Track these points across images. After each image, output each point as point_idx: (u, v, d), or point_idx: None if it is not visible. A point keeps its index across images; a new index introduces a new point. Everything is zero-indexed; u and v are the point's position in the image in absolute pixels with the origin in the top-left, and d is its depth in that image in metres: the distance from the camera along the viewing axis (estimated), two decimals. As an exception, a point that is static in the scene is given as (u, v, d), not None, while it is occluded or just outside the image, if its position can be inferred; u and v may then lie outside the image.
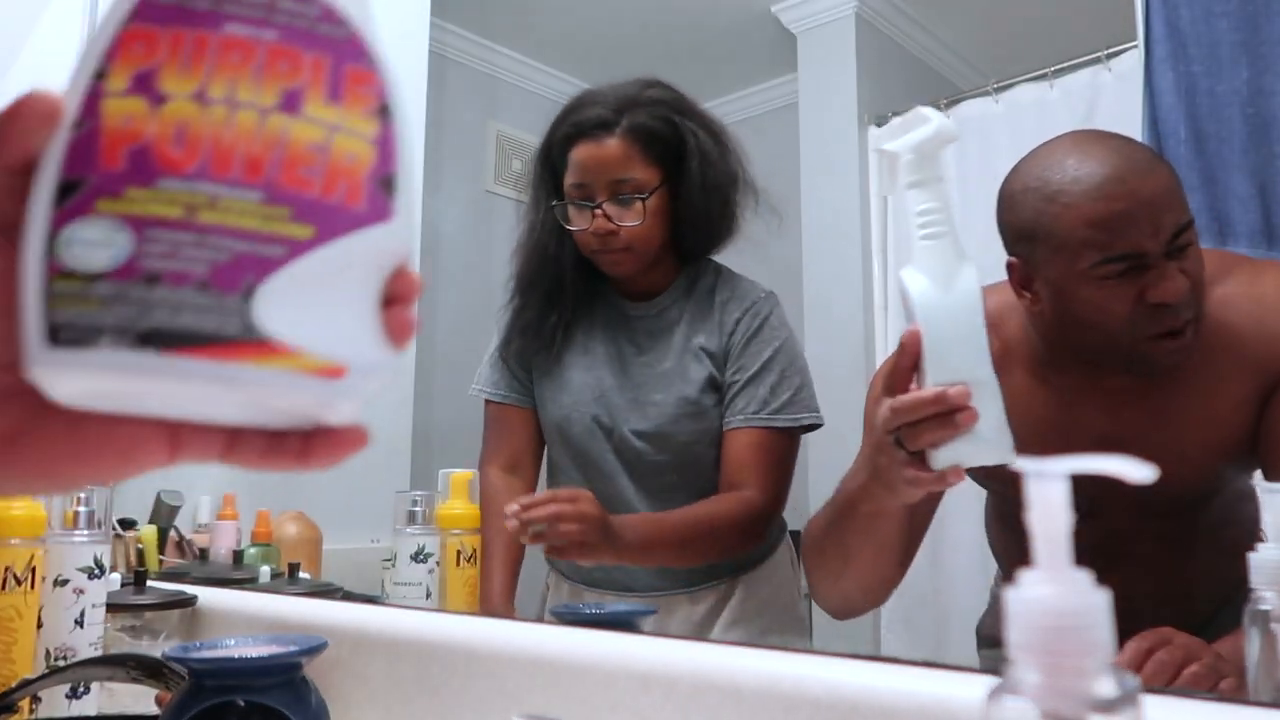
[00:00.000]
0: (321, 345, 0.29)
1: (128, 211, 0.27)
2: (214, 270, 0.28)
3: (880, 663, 0.58)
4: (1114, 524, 0.75)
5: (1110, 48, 1.98)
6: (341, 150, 0.30)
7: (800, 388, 1.11)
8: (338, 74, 0.30)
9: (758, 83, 2.77)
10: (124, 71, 0.28)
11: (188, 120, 0.28)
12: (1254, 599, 0.50)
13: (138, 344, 0.27)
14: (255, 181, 0.29)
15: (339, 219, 0.30)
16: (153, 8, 0.29)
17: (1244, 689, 0.52)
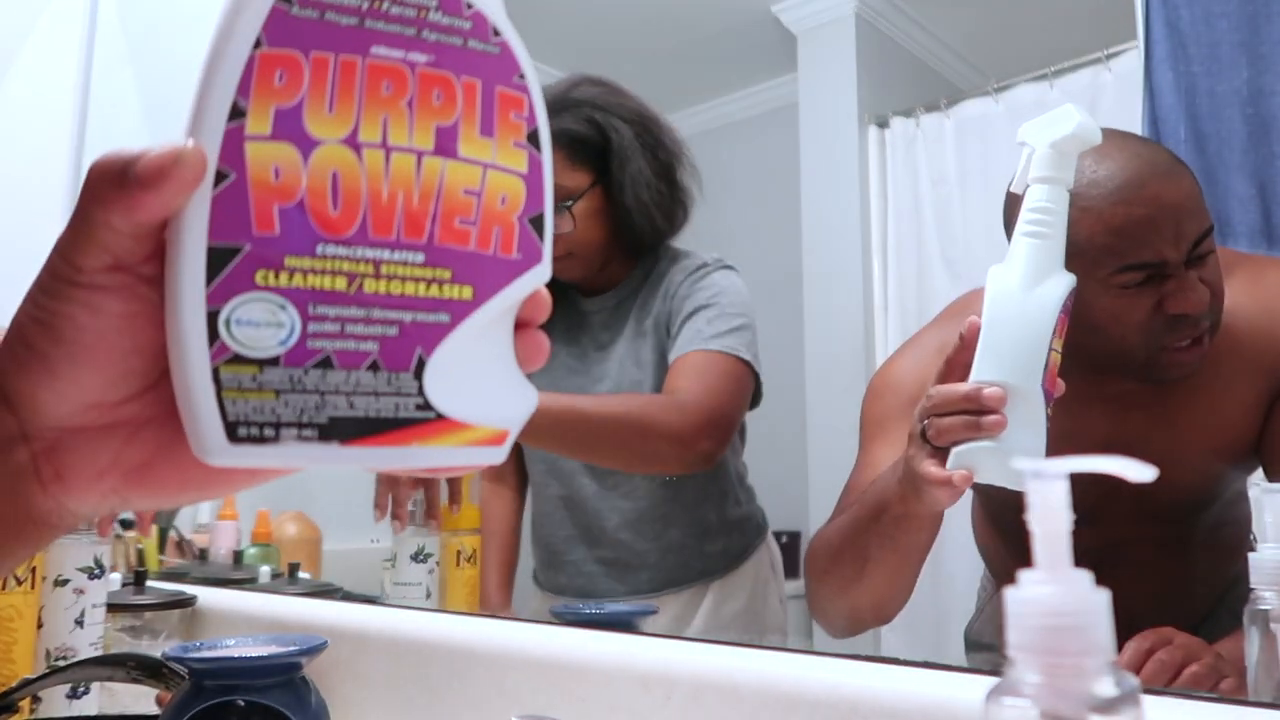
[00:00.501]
0: (488, 415, 0.28)
1: (290, 285, 0.25)
2: (384, 347, 0.26)
3: (880, 663, 0.58)
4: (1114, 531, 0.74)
5: (1110, 48, 1.98)
6: (494, 192, 0.28)
7: (741, 328, 1.07)
8: (489, 100, 0.27)
9: (758, 83, 2.77)
10: (264, 108, 0.25)
11: (342, 171, 0.25)
12: (1254, 599, 0.50)
13: (320, 438, 0.25)
14: (416, 241, 0.26)
15: (496, 273, 0.28)
16: (286, 24, 0.25)
17: (1244, 689, 0.52)
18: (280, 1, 0.25)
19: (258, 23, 0.25)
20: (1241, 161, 1.37)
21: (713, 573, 1.13)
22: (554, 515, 1.17)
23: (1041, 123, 0.63)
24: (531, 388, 0.30)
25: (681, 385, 1.02)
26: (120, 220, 0.25)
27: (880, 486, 0.76)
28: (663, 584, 1.12)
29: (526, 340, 0.29)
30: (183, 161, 0.24)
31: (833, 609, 0.88)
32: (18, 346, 0.26)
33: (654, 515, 1.12)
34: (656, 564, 1.12)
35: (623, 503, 1.12)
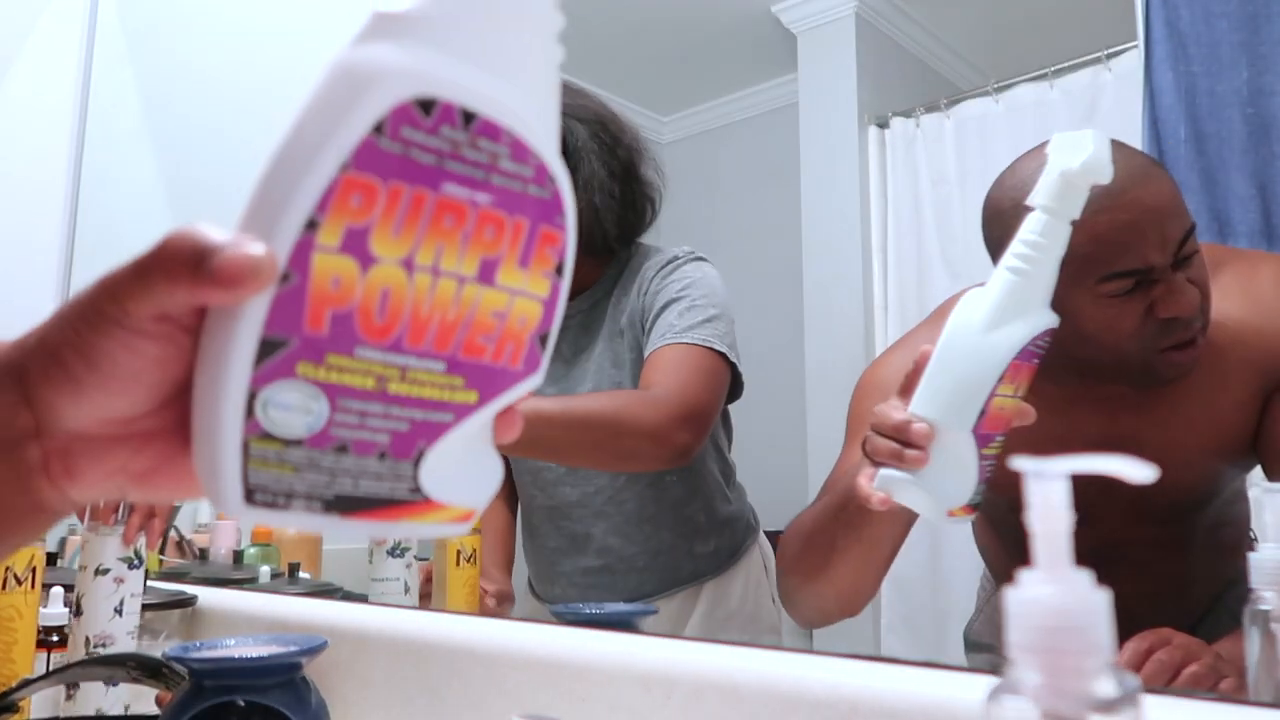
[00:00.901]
0: (463, 498, 0.32)
1: (326, 380, 0.28)
2: (394, 439, 0.30)
3: (880, 663, 0.58)
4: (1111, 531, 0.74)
5: (1110, 48, 1.98)
6: (517, 314, 0.31)
7: (715, 319, 1.05)
8: (532, 238, 0.31)
9: (758, 83, 2.77)
10: (337, 225, 0.27)
11: (393, 288, 0.28)
12: (1254, 599, 0.50)
13: (323, 510, 0.29)
14: (442, 353, 0.30)
15: (500, 381, 0.31)
16: (374, 154, 0.27)
17: (1243, 689, 0.52)
18: (372, 133, 0.27)
19: (349, 147, 0.27)
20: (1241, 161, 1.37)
21: (704, 573, 1.13)
22: (542, 527, 1.17)
23: (1065, 142, 0.60)
24: (498, 463, 0.34)
25: (655, 380, 1.01)
26: (183, 298, 0.27)
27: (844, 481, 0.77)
28: (655, 588, 1.12)
29: (505, 419, 0.33)
30: (258, 273, 0.27)
31: (800, 598, 0.89)
32: (50, 361, 0.29)
33: (640, 519, 1.11)
34: (646, 568, 1.12)
35: (608, 509, 1.11)
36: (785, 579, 0.90)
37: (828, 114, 2.47)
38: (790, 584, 0.89)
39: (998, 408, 0.61)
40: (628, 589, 1.12)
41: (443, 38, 0.28)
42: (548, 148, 0.31)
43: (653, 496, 1.11)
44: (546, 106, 0.31)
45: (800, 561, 0.86)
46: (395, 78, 0.27)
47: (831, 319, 2.32)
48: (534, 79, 0.30)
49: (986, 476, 0.62)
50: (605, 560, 1.12)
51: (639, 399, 1.01)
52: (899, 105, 2.41)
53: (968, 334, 0.60)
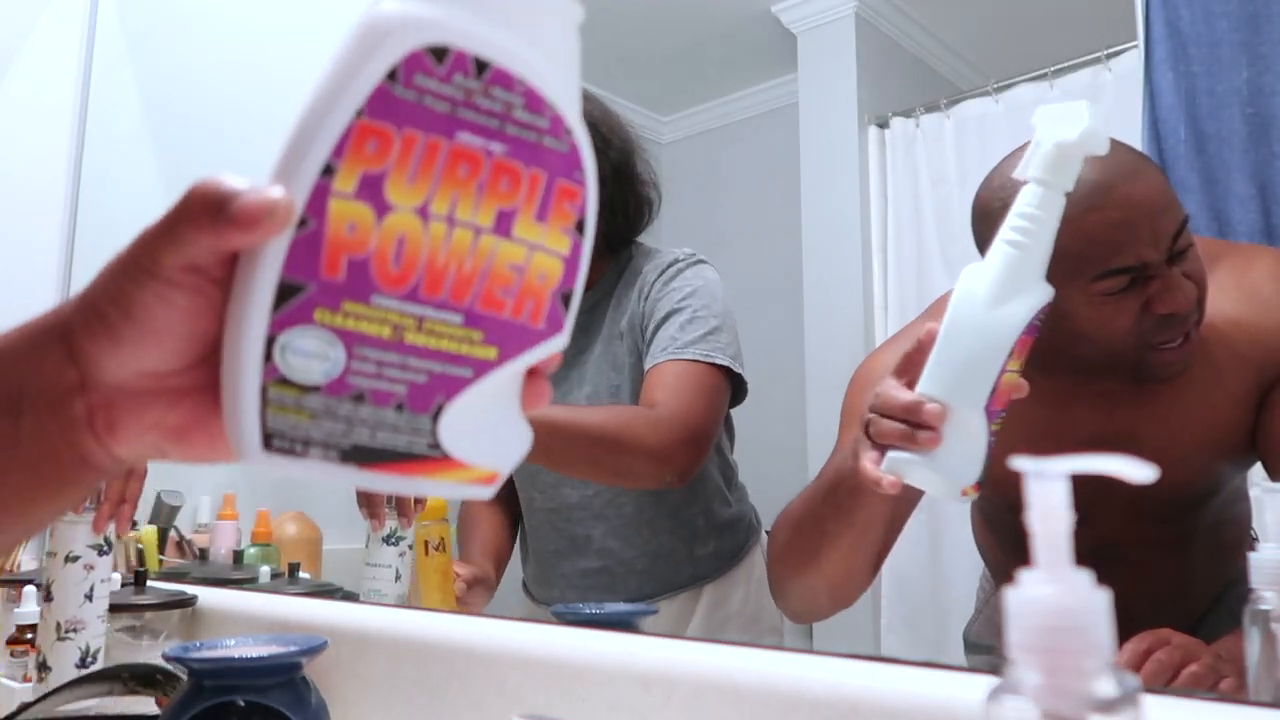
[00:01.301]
0: (485, 458, 0.32)
1: (343, 326, 0.28)
2: (412, 391, 0.30)
3: (880, 663, 0.58)
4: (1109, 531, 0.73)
5: (1110, 48, 1.98)
6: (536, 269, 0.31)
7: (716, 330, 1.05)
8: (549, 191, 0.31)
9: (758, 83, 2.77)
10: (353, 171, 0.28)
11: (408, 236, 0.29)
12: (1254, 599, 0.50)
13: (340, 459, 0.29)
14: (459, 304, 0.30)
15: (521, 338, 0.31)
16: (388, 102, 0.28)
17: (1243, 689, 0.52)
18: (386, 80, 0.28)
19: (364, 94, 0.28)
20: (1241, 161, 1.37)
21: (704, 576, 1.13)
22: (541, 528, 1.17)
23: (1054, 114, 0.60)
24: (528, 430, 0.33)
25: (657, 399, 1.01)
26: (207, 243, 0.29)
27: (832, 467, 0.76)
28: (654, 591, 1.12)
29: (533, 386, 0.33)
30: (274, 214, 0.28)
31: (790, 589, 0.88)
32: (91, 315, 0.30)
33: (640, 521, 1.11)
34: (645, 570, 1.12)
35: (608, 511, 1.11)
36: (775, 569, 0.89)
37: (828, 114, 2.47)
38: (780, 575, 0.88)
39: (1006, 383, 0.60)
40: (627, 591, 1.12)
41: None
42: (565, 101, 0.30)
43: (652, 500, 1.11)
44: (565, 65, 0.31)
45: (790, 550, 0.85)
46: (408, 26, 0.28)
47: (831, 319, 2.31)
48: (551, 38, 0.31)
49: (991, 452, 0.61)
50: (604, 562, 1.12)
51: (642, 419, 1.01)
52: (899, 105, 2.41)
53: (973, 310, 0.60)
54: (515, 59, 0.29)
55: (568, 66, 0.31)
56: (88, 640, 0.84)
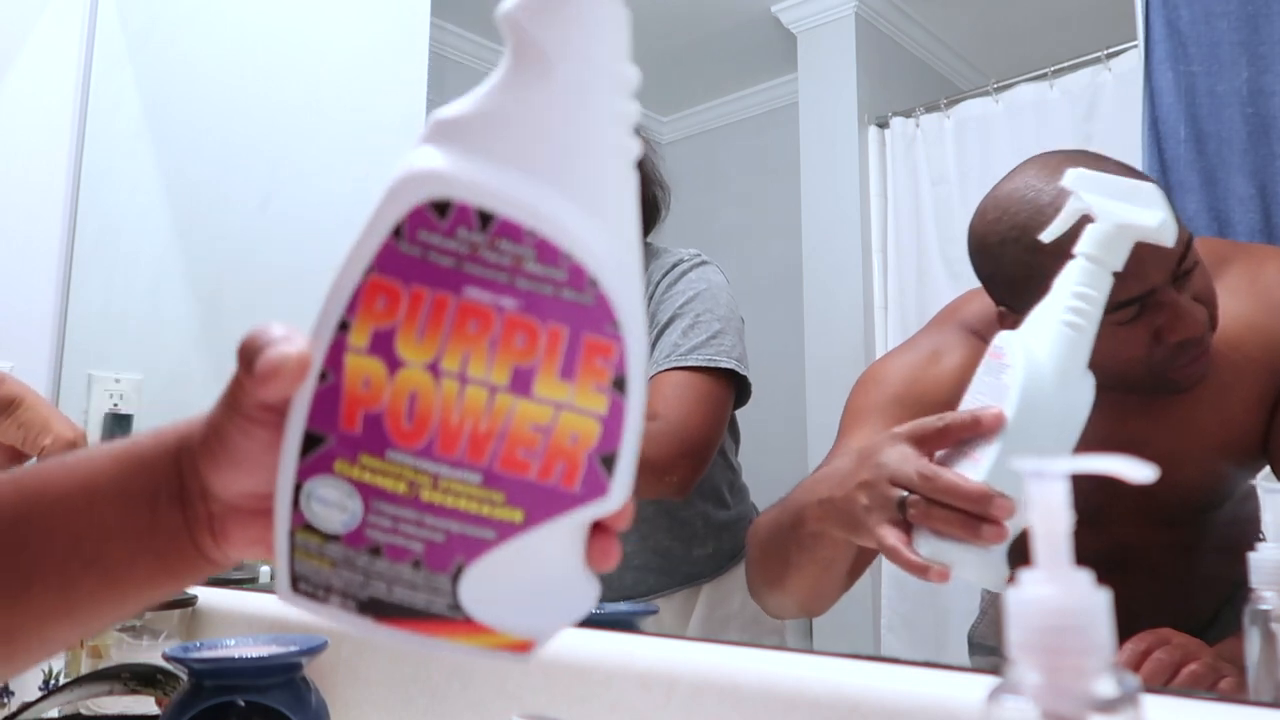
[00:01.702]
0: (516, 624, 0.31)
1: (360, 479, 0.29)
2: (428, 549, 0.30)
3: (880, 663, 0.58)
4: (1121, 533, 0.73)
5: (1110, 48, 1.98)
6: (565, 429, 0.29)
7: (719, 334, 1.04)
8: (574, 346, 0.29)
9: (758, 83, 2.77)
10: (365, 327, 0.29)
11: (419, 392, 0.29)
12: (1254, 599, 0.50)
13: (358, 610, 0.30)
14: (476, 464, 0.29)
15: (551, 501, 0.30)
16: (395, 259, 0.28)
17: (1243, 689, 0.52)
18: (392, 236, 0.28)
19: (373, 250, 0.28)
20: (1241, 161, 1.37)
21: (702, 575, 1.13)
22: None
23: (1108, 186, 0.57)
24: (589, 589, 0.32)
25: (659, 411, 1.01)
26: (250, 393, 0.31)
27: (804, 500, 0.72)
28: (652, 587, 1.12)
29: (600, 543, 0.33)
30: (284, 371, 0.30)
31: (762, 597, 0.88)
32: (202, 438, 0.34)
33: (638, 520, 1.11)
34: (641, 567, 1.12)
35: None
36: (749, 577, 0.89)
37: (828, 114, 2.46)
38: (753, 583, 0.89)
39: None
40: (624, 588, 1.12)
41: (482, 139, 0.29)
42: (591, 251, 0.29)
43: (649, 500, 1.11)
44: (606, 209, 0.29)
45: (760, 567, 0.85)
46: (412, 181, 0.28)
47: (831, 319, 2.31)
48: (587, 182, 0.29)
49: None
50: None
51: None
52: (899, 105, 2.41)
53: (1044, 394, 0.55)
54: (524, 211, 0.28)
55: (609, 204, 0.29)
56: (51, 662, 0.84)
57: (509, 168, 0.29)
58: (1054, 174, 0.68)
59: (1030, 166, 0.73)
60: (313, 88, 1.61)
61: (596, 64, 0.31)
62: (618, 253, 0.29)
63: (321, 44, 1.64)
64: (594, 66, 0.30)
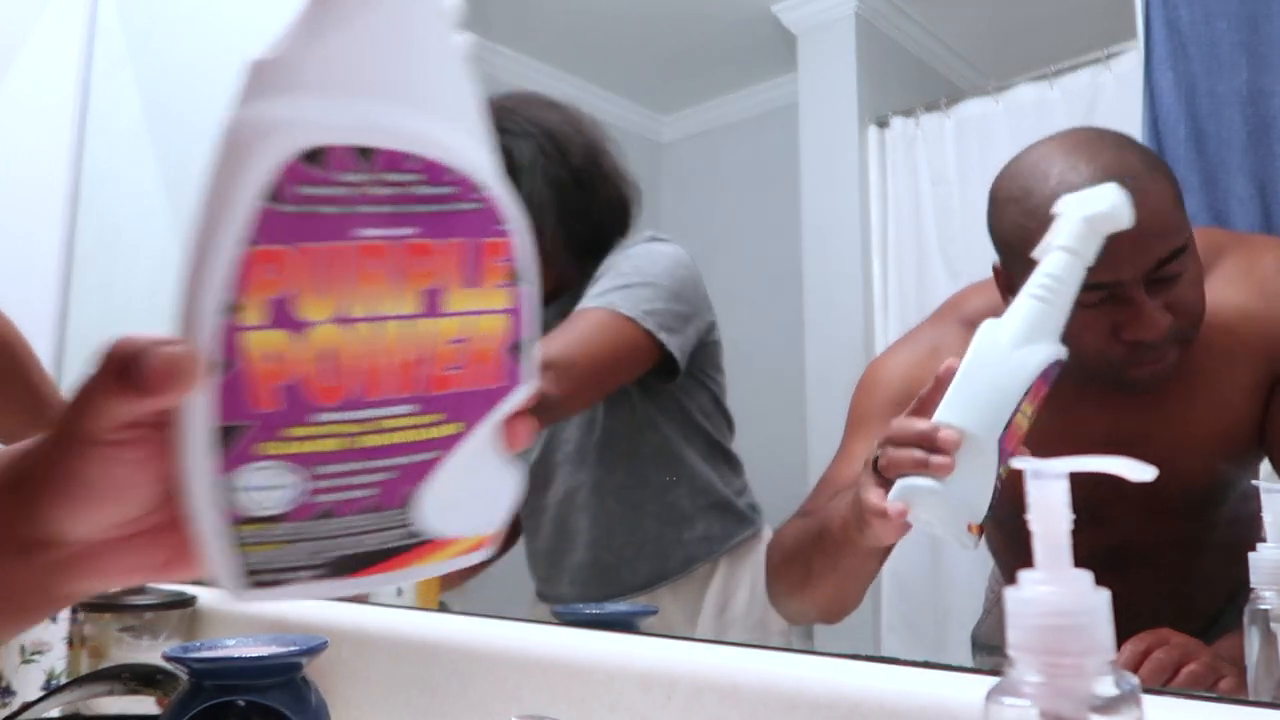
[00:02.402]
0: (471, 526, 0.31)
1: (291, 452, 0.28)
2: (380, 491, 0.29)
3: (880, 663, 0.58)
4: (1121, 530, 0.73)
5: (1110, 48, 1.98)
6: (479, 334, 0.30)
7: (626, 286, 1.03)
8: (474, 254, 0.29)
9: (758, 83, 2.76)
10: (257, 302, 0.27)
11: (333, 346, 0.27)
12: (1254, 599, 0.50)
13: (326, 576, 0.29)
14: (407, 394, 0.29)
15: (482, 404, 0.30)
16: (277, 221, 0.26)
17: (1243, 689, 0.52)
18: (270, 203, 0.26)
19: (246, 222, 0.26)
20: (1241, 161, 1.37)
21: (697, 559, 1.13)
22: (538, 529, 1.19)
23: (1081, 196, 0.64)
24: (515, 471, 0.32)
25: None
26: (126, 408, 0.27)
27: (832, 508, 0.76)
28: (649, 579, 1.13)
29: (512, 428, 0.32)
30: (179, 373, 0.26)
31: (783, 604, 0.90)
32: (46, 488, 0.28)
33: (625, 508, 1.13)
34: (637, 557, 1.13)
35: (591, 502, 1.13)
36: (770, 584, 0.91)
37: (828, 114, 2.46)
38: (774, 590, 0.91)
39: (1018, 425, 0.61)
40: (621, 581, 1.12)
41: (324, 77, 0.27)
42: (469, 159, 0.29)
43: (634, 485, 1.13)
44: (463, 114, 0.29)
45: (781, 574, 0.87)
46: (270, 138, 0.26)
47: (831, 319, 2.31)
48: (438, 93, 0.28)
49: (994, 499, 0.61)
50: (596, 554, 1.13)
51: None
52: (899, 105, 2.40)
53: (996, 347, 0.62)
54: (399, 136, 0.27)
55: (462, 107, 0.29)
56: (53, 663, 0.84)
57: (363, 98, 0.27)
58: (1074, 154, 0.73)
59: (1062, 139, 0.77)
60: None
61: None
62: (485, 152, 0.29)
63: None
64: None
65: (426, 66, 0.28)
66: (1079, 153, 0.73)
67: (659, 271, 1.07)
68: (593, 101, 2.51)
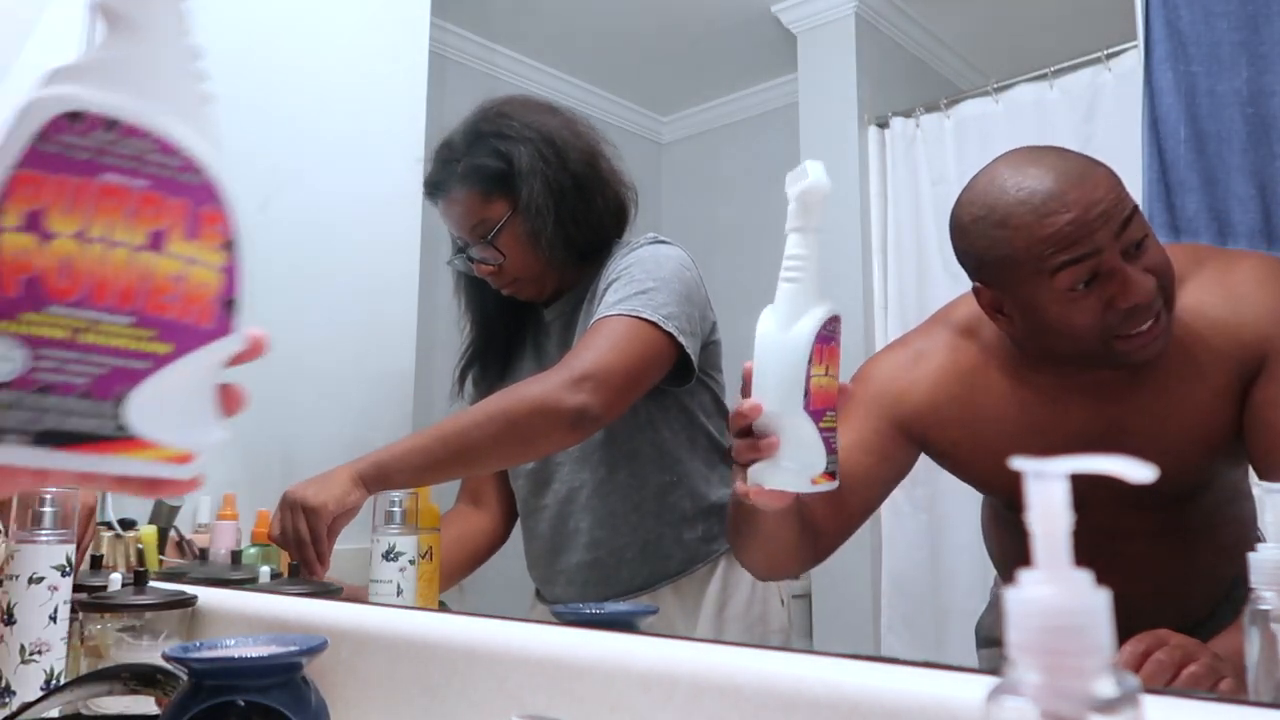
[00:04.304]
0: (175, 438, 0.37)
1: (23, 332, 0.34)
2: (94, 382, 0.35)
3: (880, 663, 0.58)
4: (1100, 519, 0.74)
5: (1110, 48, 1.98)
6: (196, 279, 0.37)
7: (648, 290, 1.05)
8: (195, 216, 0.37)
9: (758, 83, 2.77)
10: (16, 210, 0.34)
11: (71, 256, 0.35)
12: (1254, 599, 0.50)
13: (35, 443, 0.34)
14: (127, 308, 0.36)
15: (193, 336, 0.37)
16: (40, 156, 0.35)
17: (1243, 689, 0.52)
18: (35, 141, 0.35)
19: (17, 152, 0.35)
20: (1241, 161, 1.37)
21: (698, 559, 1.13)
22: (538, 529, 1.19)
23: (791, 178, 0.71)
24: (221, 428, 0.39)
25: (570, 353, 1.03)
26: None
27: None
28: (649, 579, 1.13)
29: (227, 394, 0.39)
30: None
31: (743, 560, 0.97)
32: None
33: (626, 509, 1.13)
34: (636, 558, 1.13)
35: (593, 502, 1.13)
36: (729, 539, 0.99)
37: (828, 114, 2.47)
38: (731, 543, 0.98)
39: (818, 386, 0.70)
40: (621, 582, 1.12)
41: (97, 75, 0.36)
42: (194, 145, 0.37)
43: (635, 485, 1.12)
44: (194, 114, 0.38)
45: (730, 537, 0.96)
46: (46, 100, 0.35)
47: (831, 319, 2.31)
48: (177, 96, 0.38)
49: (834, 447, 0.70)
50: (596, 554, 1.13)
51: (530, 379, 1.02)
52: (899, 105, 2.41)
53: (770, 338, 0.71)
54: (142, 116, 0.36)
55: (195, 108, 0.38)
56: (52, 663, 0.84)
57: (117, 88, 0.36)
58: (1019, 166, 0.81)
59: (1000, 161, 0.84)
60: (312, 88, 1.61)
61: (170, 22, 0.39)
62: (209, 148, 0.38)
63: (321, 44, 1.64)
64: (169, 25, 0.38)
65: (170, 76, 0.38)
66: (1024, 165, 0.81)
67: (669, 275, 1.08)
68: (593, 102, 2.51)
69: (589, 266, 1.15)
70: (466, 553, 1.25)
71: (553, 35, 2.44)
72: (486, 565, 1.31)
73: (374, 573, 1.01)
